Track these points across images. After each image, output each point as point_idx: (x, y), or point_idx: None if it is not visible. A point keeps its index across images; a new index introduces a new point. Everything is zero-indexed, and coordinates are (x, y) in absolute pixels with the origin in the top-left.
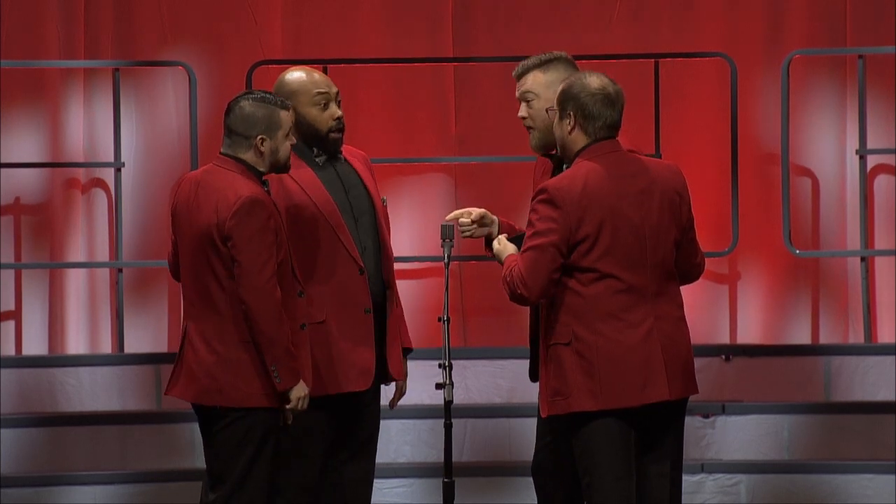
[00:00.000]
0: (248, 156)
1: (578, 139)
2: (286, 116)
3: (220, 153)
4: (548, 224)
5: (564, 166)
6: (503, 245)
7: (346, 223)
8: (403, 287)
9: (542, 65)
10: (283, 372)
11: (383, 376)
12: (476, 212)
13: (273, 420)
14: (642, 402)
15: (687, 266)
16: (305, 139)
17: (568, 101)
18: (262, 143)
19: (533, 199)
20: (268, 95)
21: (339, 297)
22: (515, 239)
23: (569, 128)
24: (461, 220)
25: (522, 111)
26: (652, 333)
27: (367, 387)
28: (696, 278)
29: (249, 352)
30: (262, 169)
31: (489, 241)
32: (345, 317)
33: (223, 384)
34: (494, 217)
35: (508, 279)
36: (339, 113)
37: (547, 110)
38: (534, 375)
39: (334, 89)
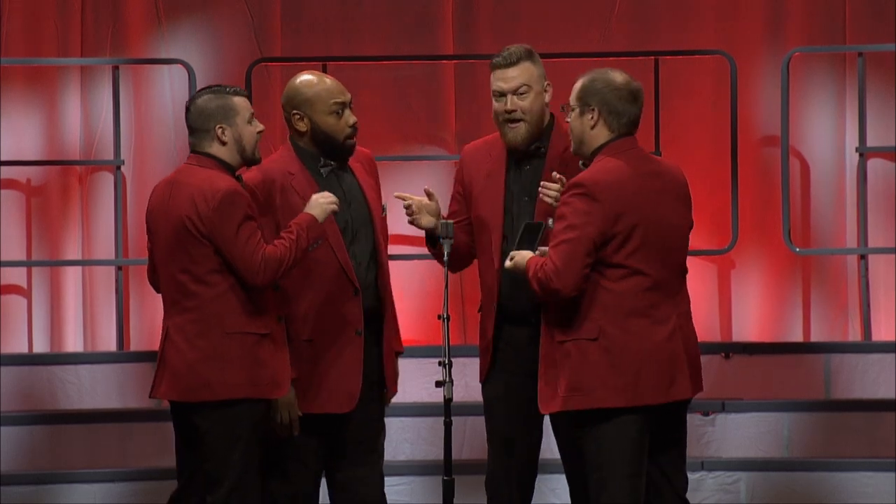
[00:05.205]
0: (215, 149)
1: (601, 135)
2: (241, 102)
3: (191, 153)
4: (583, 218)
5: (554, 169)
6: (520, 255)
7: (346, 241)
8: (403, 285)
9: (530, 56)
10: (311, 234)
11: (383, 385)
12: (424, 201)
13: (259, 411)
14: (669, 399)
15: None
16: (320, 147)
17: (592, 95)
18: (222, 133)
19: (564, 194)
20: (219, 87)
21: (331, 317)
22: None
23: (591, 123)
24: (404, 202)
25: (512, 104)
26: (675, 331)
27: (350, 409)
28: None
29: (234, 342)
30: (233, 163)
31: (430, 237)
32: (335, 338)
33: (210, 378)
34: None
35: (540, 274)
36: (354, 119)
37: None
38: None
39: (348, 96)
